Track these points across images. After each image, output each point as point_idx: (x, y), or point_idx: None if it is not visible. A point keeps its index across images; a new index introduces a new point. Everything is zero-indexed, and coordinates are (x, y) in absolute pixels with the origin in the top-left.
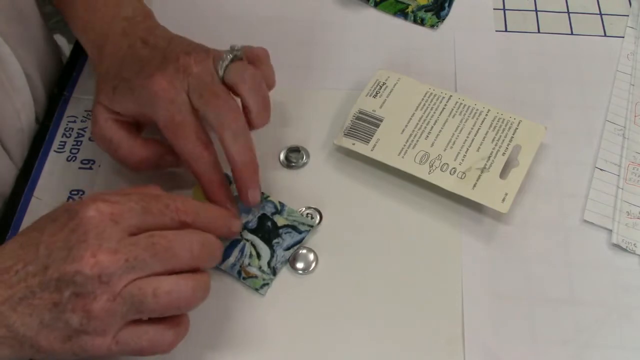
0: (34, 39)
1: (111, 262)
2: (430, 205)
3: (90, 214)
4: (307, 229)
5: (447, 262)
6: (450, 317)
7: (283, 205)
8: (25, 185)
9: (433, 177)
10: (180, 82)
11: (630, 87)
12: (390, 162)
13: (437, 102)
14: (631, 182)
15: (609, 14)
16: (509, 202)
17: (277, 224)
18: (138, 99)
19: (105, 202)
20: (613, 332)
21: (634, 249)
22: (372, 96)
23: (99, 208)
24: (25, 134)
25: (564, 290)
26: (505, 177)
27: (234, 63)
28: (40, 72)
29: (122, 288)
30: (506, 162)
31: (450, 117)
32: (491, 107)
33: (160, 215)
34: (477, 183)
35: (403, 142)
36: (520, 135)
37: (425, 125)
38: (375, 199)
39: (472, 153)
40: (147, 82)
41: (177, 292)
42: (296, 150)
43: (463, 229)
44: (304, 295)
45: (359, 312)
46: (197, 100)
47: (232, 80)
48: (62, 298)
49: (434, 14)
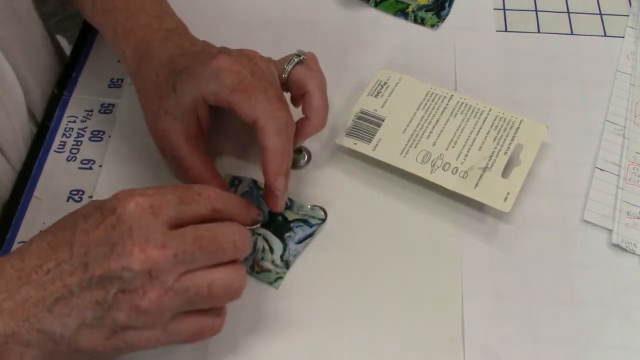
0: (30, 40)
1: (161, 257)
2: (432, 205)
3: (130, 209)
4: (318, 222)
5: (448, 262)
6: (451, 317)
7: (292, 201)
8: (25, 186)
9: (435, 176)
10: (245, 65)
11: (630, 87)
12: (392, 161)
13: (438, 101)
14: (631, 182)
15: (609, 14)
16: (511, 201)
17: (288, 219)
18: (200, 80)
19: (142, 196)
20: (613, 332)
21: (634, 249)
22: (373, 96)
23: (139, 202)
24: (18, 134)
25: (564, 290)
26: (507, 177)
27: (299, 65)
28: (36, 73)
29: (174, 282)
30: (508, 161)
31: (451, 117)
32: (492, 107)
33: (195, 204)
34: (479, 182)
35: (405, 142)
36: (521, 134)
37: (426, 125)
38: (377, 199)
39: (474, 152)
40: (211, 62)
41: (230, 284)
42: (298, 150)
43: (464, 229)
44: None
45: (359, 311)
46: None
47: (299, 77)
48: (107, 296)
49: (435, 14)
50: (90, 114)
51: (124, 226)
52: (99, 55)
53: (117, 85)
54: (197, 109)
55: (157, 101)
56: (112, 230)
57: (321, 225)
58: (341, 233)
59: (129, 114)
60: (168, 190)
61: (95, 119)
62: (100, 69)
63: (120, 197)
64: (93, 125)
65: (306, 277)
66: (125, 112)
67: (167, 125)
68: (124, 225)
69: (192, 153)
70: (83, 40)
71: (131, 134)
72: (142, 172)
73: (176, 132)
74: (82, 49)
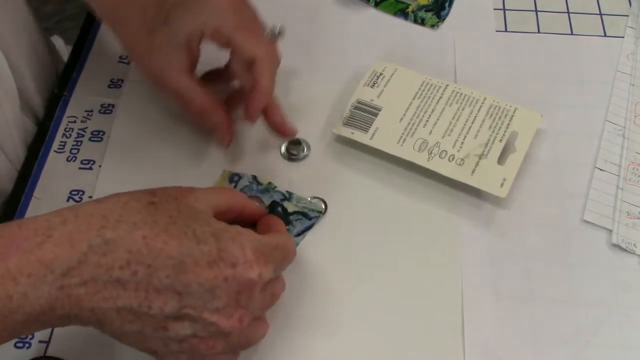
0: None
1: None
2: (430, 193)
3: (251, 277)
4: (317, 214)
5: (448, 262)
6: (451, 317)
7: (291, 193)
8: (25, 186)
9: (432, 164)
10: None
11: (630, 87)
12: (389, 150)
13: (434, 91)
14: (631, 182)
15: (609, 14)
16: (507, 186)
17: (288, 210)
18: (199, 15)
19: (266, 267)
20: (613, 332)
21: (634, 249)
22: (369, 86)
23: (262, 275)
24: (11, 125)
25: (564, 290)
26: (503, 163)
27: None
28: (32, 67)
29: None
30: (503, 148)
31: (447, 106)
32: (487, 96)
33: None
34: (476, 169)
35: (401, 131)
36: (516, 122)
37: (423, 114)
38: (375, 188)
39: (469, 140)
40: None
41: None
42: (297, 142)
43: (463, 218)
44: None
45: (357, 308)
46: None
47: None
48: (178, 331)
49: (434, 14)
50: (90, 114)
51: (235, 287)
52: (99, 55)
53: (117, 85)
54: (191, 42)
55: (147, 38)
56: (223, 282)
57: (320, 218)
58: (340, 224)
59: (129, 113)
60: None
61: (95, 119)
62: (100, 69)
63: (248, 257)
64: (93, 125)
65: (304, 268)
66: (125, 112)
67: (162, 61)
68: (236, 285)
69: (192, 85)
70: (83, 40)
71: (130, 133)
72: (143, 172)
73: (173, 66)
74: (82, 49)
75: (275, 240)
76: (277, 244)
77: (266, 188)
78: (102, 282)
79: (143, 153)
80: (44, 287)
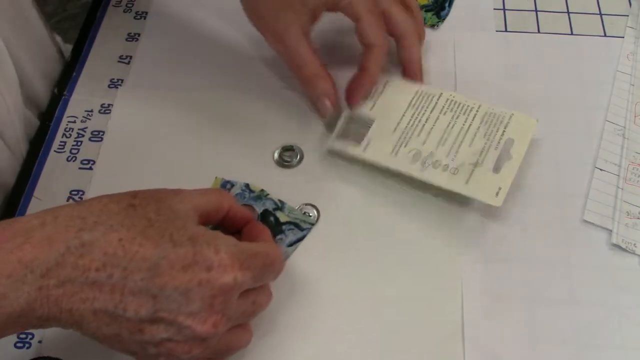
0: (32, 37)
1: (221, 331)
2: (425, 204)
3: (225, 282)
4: (309, 226)
5: (446, 262)
6: (450, 318)
7: (283, 203)
8: (25, 186)
9: (425, 174)
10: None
11: (630, 87)
12: (382, 161)
13: (427, 100)
14: (631, 182)
15: (609, 14)
16: (503, 195)
17: (280, 220)
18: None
19: (242, 272)
20: (613, 332)
21: (634, 249)
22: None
23: (237, 279)
24: (13, 115)
25: (563, 290)
26: (499, 171)
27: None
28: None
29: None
30: (499, 156)
31: (441, 115)
32: (482, 103)
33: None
34: (470, 178)
35: (395, 141)
36: (512, 128)
37: (416, 123)
38: (369, 198)
39: (464, 149)
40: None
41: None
42: (290, 149)
43: (462, 230)
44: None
45: (356, 312)
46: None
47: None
48: (154, 335)
49: (434, 14)
50: (90, 114)
51: (209, 291)
52: (99, 55)
53: (117, 85)
54: (317, 10)
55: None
56: (198, 287)
57: (312, 229)
58: (332, 234)
59: (125, 114)
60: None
61: (95, 119)
62: (100, 69)
63: (224, 261)
64: (93, 125)
65: (296, 278)
66: (121, 112)
67: (288, 21)
68: (210, 290)
69: (310, 49)
70: (83, 41)
71: (126, 133)
72: (143, 172)
73: (299, 27)
74: (82, 49)
75: (257, 248)
76: (258, 251)
77: (258, 195)
78: (79, 284)
79: (137, 154)
80: (24, 288)
